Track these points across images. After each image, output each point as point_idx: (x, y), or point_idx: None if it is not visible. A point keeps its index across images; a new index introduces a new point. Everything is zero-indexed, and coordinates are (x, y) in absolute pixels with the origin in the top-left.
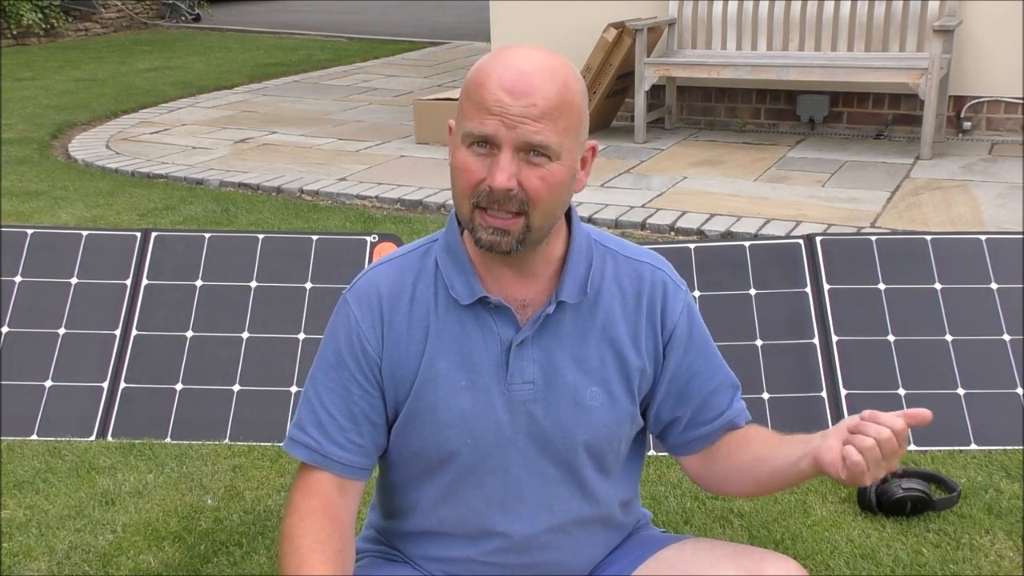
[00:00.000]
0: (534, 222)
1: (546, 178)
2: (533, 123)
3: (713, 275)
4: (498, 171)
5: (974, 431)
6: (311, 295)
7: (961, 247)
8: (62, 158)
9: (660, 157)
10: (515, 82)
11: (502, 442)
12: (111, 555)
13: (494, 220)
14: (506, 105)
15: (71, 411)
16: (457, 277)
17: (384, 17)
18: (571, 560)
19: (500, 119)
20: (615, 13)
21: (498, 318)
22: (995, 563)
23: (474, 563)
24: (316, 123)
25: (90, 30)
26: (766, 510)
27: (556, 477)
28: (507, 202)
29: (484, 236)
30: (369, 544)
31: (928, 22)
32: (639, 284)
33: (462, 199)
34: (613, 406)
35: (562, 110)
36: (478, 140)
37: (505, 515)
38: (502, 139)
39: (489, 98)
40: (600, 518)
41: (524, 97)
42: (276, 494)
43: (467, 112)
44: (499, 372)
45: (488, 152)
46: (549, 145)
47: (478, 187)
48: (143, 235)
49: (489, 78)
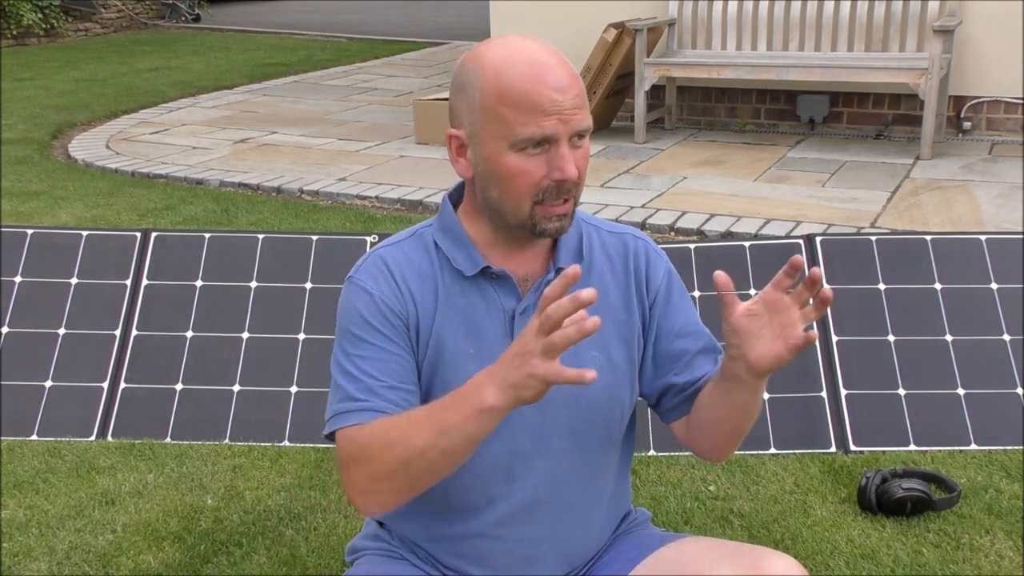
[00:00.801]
0: (578, 197)
1: (585, 156)
2: (579, 111)
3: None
4: (566, 164)
5: (974, 431)
6: (311, 295)
7: (961, 247)
8: (62, 158)
9: (660, 157)
10: (558, 79)
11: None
12: (111, 555)
13: (558, 208)
14: (559, 103)
15: (71, 411)
16: (459, 252)
17: (384, 17)
18: (572, 533)
19: (557, 118)
20: (615, 13)
21: (500, 289)
22: (995, 563)
23: (478, 538)
24: (316, 123)
25: (90, 30)
26: (766, 510)
27: (559, 444)
28: (573, 189)
29: (550, 226)
30: (368, 541)
31: (928, 22)
32: (624, 252)
33: (522, 201)
34: (613, 370)
35: (584, 92)
36: (536, 142)
37: (509, 483)
38: (560, 135)
39: (543, 100)
40: (600, 488)
41: (567, 91)
42: (276, 494)
43: (513, 118)
44: (504, 341)
45: (542, 150)
46: (591, 127)
47: (539, 184)
48: (143, 235)
49: (528, 81)
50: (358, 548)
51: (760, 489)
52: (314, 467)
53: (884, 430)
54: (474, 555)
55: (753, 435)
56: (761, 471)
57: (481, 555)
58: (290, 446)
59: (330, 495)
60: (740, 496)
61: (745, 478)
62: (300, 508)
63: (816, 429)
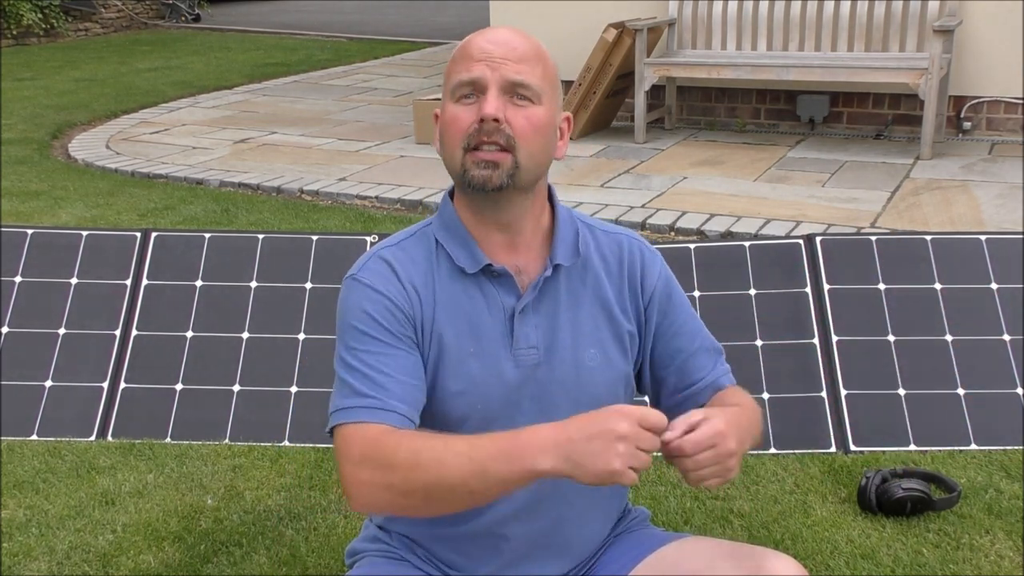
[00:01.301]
0: (521, 160)
1: (529, 118)
2: (515, 64)
3: (713, 275)
4: (486, 104)
5: (974, 431)
6: (311, 295)
7: (961, 247)
8: (62, 158)
9: (660, 157)
10: (495, 36)
11: (509, 407)
12: (111, 555)
13: (484, 155)
14: (489, 51)
15: (71, 411)
16: (460, 249)
17: (384, 17)
18: (573, 530)
19: (485, 63)
20: (615, 13)
21: (499, 286)
22: (995, 563)
23: (480, 536)
24: (316, 123)
25: (90, 30)
26: (766, 510)
27: None
28: (495, 133)
29: (476, 172)
30: (368, 543)
31: (928, 22)
32: (619, 252)
33: (454, 148)
34: (609, 366)
35: (539, 59)
36: (465, 87)
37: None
38: (488, 80)
39: (473, 49)
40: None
41: (504, 44)
42: (276, 494)
43: (452, 72)
44: (505, 339)
45: (475, 101)
46: (530, 84)
47: (468, 130)
48: (143, 235)
49: (471, 39)
50: (358, 551)
51: (760, 489)
52: (314, 467)
53: (884, 430)
54: (476, 553)
55: None
56: (761, 471)
57: (483, 553)
58: (290, 446)
59: (330, 495)
60: (740, 496)
61: (745, 478)
62: (300, 508)
63: (816, 429)
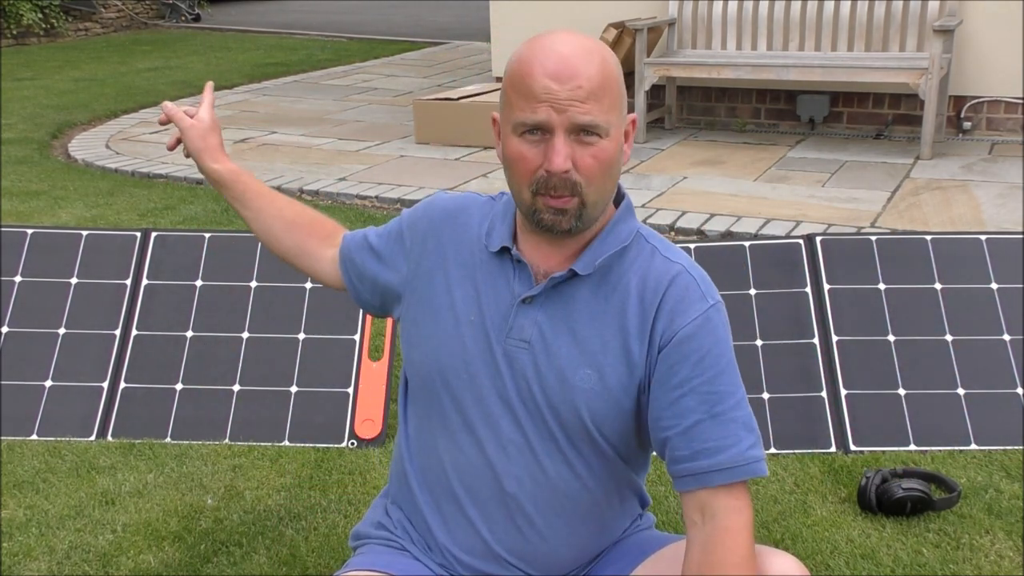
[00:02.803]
0: (588, 198)
1: (598, 155)
2: (581, 104)
3: (713, 275)
4: (554, 154)
5: (974, 431)
6: (311, 295)
7: (961, 247)
8: (62, 158)
9: (660, 157)
10: (559, 67)
11: (494, 393)
12: (111, 555)
13: (554, 202)
14: (553, 91)
15: (71, 411)
16: (499, 226)
17: (384, 17)
18: (557, 541)
19: (550, 105)
20: (615, 13)
21: (517, 273)
22: (995, 563)
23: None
24: (316, 123)
25: (90, 30)
26: (766, 510)
27: (542, 447)
28: (563, 186)
29: (546, 217)
30: (372, 528)
31: (928, 22)
32: (665, 281)
33: (521, 187)
34: (604, 393)
35: (605, 88)
36: (530, 128)
37: (493, 471)
38: (554, 124)
39: (536, 86)
40: (589, 505)
41: (570, 81)
42: (276, 494)
43: (515, 103)
44: (502, 323)
45: (541, 139)
46: (598, 124)
47: (535, 173)
48: (143, 235)
49: (532, 67)
50: (361, 535)
51: (760, 489)
52: (314, 467)
53: (884, 430)
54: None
55: None
56: None
57: (468, 539)
58: (290, 446)
59: (330, 495)
60: None
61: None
62: (300, 508)
63: (816, 429)
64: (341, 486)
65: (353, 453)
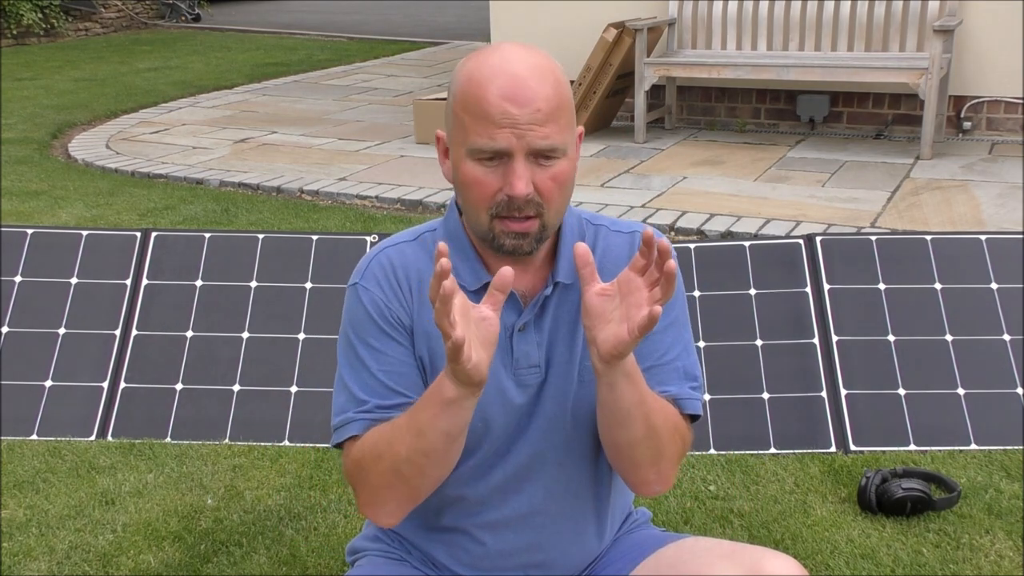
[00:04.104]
0: (548, 220)
1: (556, 177)
2: (540, 128)
3: (713, 275)
4: (516, 180)
5: (974, 431)
6: (311, 295)
7: (961, 247)
8: (62, 158)
9: (660, 157)
10: (516, 90)
11: (511, 426)
12: (111, 555)
13: (516, 226)
14: (513, 116)
15: (71, 411)
16: (462, 264)
17: (384, 17)
18: (567, 543)
19: (510, 131)
20: (615, 13)
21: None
22: (995, 563)
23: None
24: (316, 123)
25: (90, 30)
26: (766, 510)
27: (555, 457)
28: (526, 208)
29: (507, 242)
30: (369, 542)
31: (928, 22)
32: (630, 251)
33: (478, 212)
34: None
35: (561, 108)
36: (488, 152)
37: (504, 496)
38: (514, 150)
39: (493, 111)
40: (598, 496)
41: (529, 104)
42: (276, 494)
43: (470, 126)
44: (505, 357)
45: (499, 163)
46: (556, 147)
47: (495, 197)
48: (143, 235)
49: (487, 89)
50: (358, 549)
51: (760, 489)
52: (314, 467)
53: (884, 430)
54: (468, 560)
55: (753, 435)
56: (761, 471)
57: (475, 560)
58: (290, 446)
59: (330, 495)
60: (740, 496)
61: (745, 478)
62: (300, 508)
63: (816, 429)
64: (341, 486)
65: None
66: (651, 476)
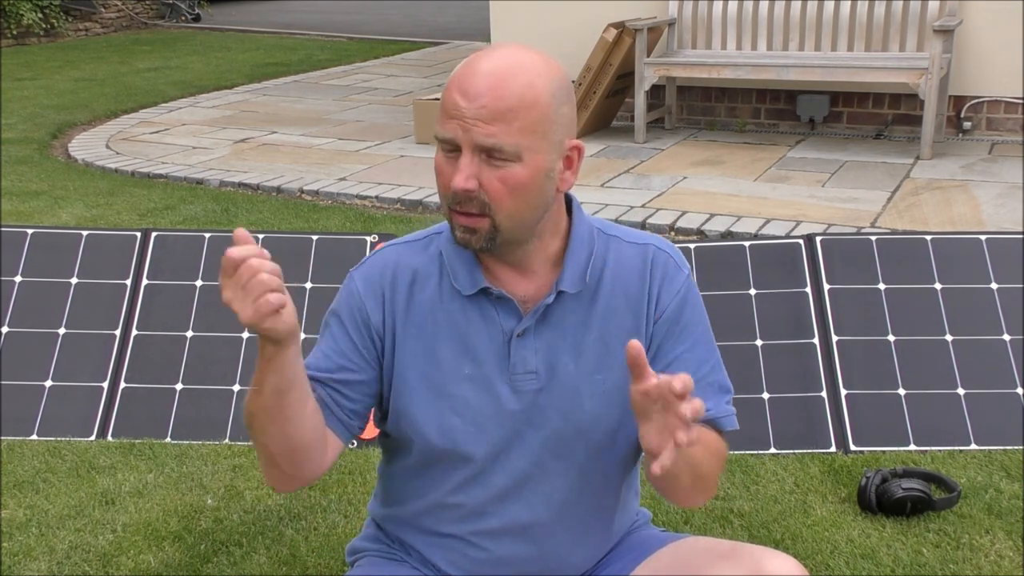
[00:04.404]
0: (500, 222)
1: (505, 180)
2: (485, 125)
3: (713, 275)
4: (456, 172)
5: (974, 431)
6: (311, 295)
7: (961, 247)
8: (62, 158)
9: (660, 157)
10: (469, 84)
11: (506, 432)
12: (111, 555)
13: (463, 219)
14: (461, 108)
15: (71, 411)
16: (461, 268)
17: (384, 17)
18: (568, 552)
19: (458, 122)
20: (615, 13)
21: (500, 309)
22: (995, 563)
23: (473, 550)
24: (316, 123)
25: (90, 30)
26: (766, 510)
27: (557, 467)
28: (468, 203)
29: (458, 234)
30: (368, 543)
31: (928, 22)
32: (642, 267)
33: (442, 200)
34: (619, 393)
35: (517, 111)
36: (443, 142)
37: (503, 505)
38: (461, 141)
39: (448, 101)
40: (601, 507)
41: (476, 99)
42: (276, 494)
43: (438, 115)
44: (502, 362)
45: (456, 155)
46: (502, 147)
47: (450, 188)
48: (143, 235)
49: (453, 80)
50: (358, 549)
51: (760, 489)
52: None
53: (884, 430)
54: (468, 566)
55: (753, 435)
56: (761, 471)
57: (474, 566)
58: None
59: (330, 495)
60: (740, 496)
61: (745, 478)
62: (300, 508)
63: (816, 429)
64: (341, 486)
65: (353, 453)
66: (698, 498)
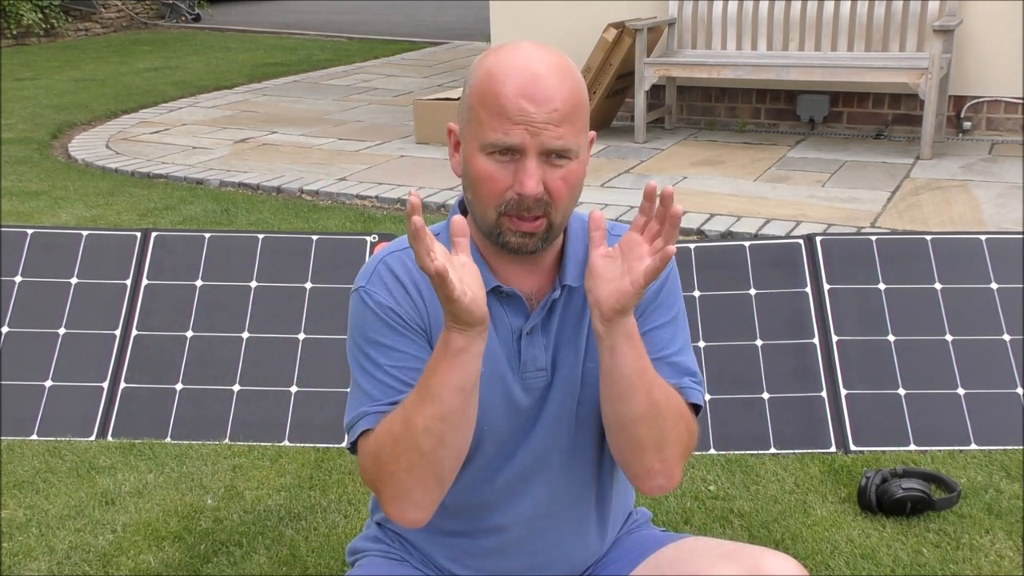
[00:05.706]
0: (555, 220)
1: (567, 178)
2: (555, 128)
3: (713, 275)
4: (527, 178)
5: (974, 431)
6: (311, 295)
7: (961, 247)
8: (62, 158)
9: (660, 157)
10: (535, 89)
11: (514, 429)
12: (111, 555)
13: (524, 225)
14: (529, 113)
15: (71, 411)
16: None
17: (384, 17)
18: (569, 545)
19: (524, 128)
20: (615, 13)
21: (508, 307)
22: (995, 563)
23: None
24: (316, 123)
25: (90, 30)
26: (766, 510)
27: (559, 459)
28: (535, 207)
29: (512, 240)
30: (369, 543)
31: (928, 22)
32: None
33: (487, 207)
34: None
35: (577, 110)
36: (501, 147)
37: (507, 500)
38: (527, 148)
39: (510, 107)
40: (601, 498)
41: (546, 104)
42: (276, 494)
43: (485, 120)
44: (512, 361)
45: (511, 159)
46: (570, 148)
47: (504, 195)
48: (143, 235)
49: (505, 85)
50: (359, 549)
51: (760, 489)
52: (314, 467)
53: (884, 430)
54: (470, 562)
55: (753, 435)
56: (761, 471)
57: (476, 562)
58: (290, 446)
59: (330, 495)
60: (740, 496)
61: (745, 478)
62: (300, 508)
63: (816, 429)
64: (341, 486)
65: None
66: (655, 464)
